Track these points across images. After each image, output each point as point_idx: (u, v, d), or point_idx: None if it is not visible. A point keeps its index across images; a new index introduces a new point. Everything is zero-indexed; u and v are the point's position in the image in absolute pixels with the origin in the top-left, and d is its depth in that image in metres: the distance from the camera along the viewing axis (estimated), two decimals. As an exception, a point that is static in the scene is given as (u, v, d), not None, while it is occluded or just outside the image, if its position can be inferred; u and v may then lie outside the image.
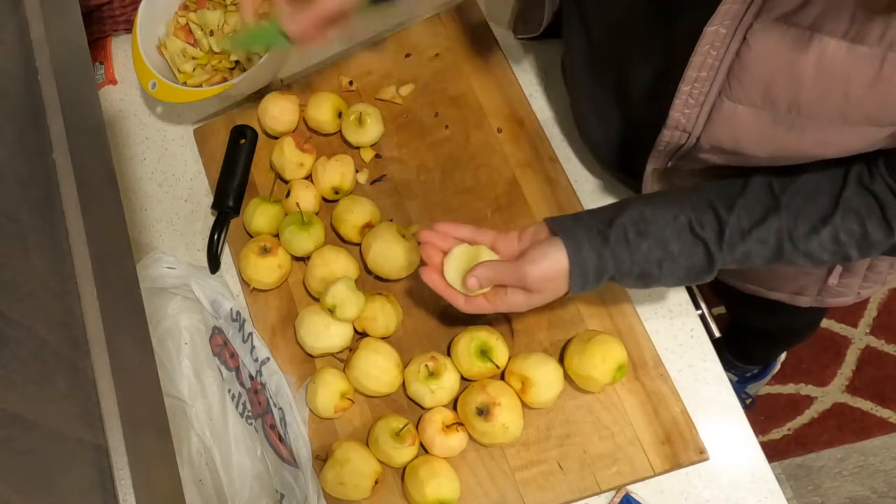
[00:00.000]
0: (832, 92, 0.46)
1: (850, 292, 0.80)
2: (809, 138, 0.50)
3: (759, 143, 0.52)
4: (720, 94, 0.51)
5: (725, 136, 0.53)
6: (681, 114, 0.54)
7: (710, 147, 0.55)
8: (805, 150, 0.51)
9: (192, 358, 0.82)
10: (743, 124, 0.51)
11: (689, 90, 0.52)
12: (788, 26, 0.45)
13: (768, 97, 0.49)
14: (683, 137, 0.56)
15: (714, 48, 0.49)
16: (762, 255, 0.57)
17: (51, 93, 0.49)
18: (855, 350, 1.53)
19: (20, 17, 0.51)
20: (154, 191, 0.93)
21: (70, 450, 0.40)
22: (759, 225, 0.56)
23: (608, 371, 0.67)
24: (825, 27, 0.44)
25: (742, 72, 0.48)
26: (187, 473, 0.78)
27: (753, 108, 0.50)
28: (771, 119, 0.50)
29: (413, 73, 0.86)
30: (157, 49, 0.92)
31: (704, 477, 0.69)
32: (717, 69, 0.50)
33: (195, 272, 0.83)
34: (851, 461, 1.46)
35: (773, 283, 0.84)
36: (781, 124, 0.50)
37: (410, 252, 0.75)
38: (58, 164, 0.48)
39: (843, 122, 0.48)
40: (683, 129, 0.55)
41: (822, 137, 0.49)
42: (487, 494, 0.71)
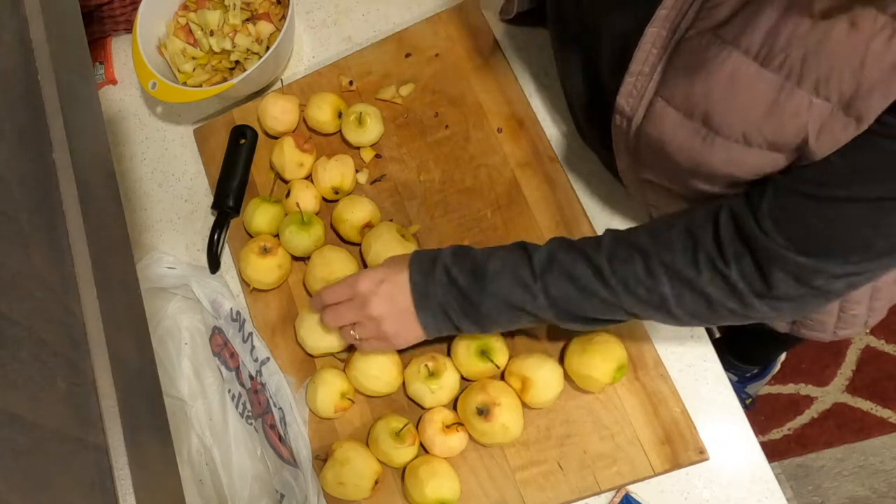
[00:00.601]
0: (737, 109, 0.47)
1: (824, 329, 0.79)
2: (719, 154, 0.51)
3: (680, 150, 0.53)
4: (656, 94, 0.52)
5: (655, 133, 0.54)
6: (625, 101, 0.56)
7: (646, 144, 0.57)
8: (716, 165, 0.52)
9: (192, 358, 0.82)
10: (669, 126, 0.52)
11: (633, 82, 0.54)
12: (714, 38, 0.47)
13: (688, 104, 0.50)
14: (626, 125, 0.57)
15: (655, 47, 0.51)
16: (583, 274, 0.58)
17: (51, 93, 0.49)
18: (855, 350, 1.53)
19: (20, 17, 0.51)
20: (154, 191, 0.93)
21: (70, 450, 0.40)
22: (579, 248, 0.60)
23: (608, 371, 0.67)
24: (741, 43, 0.45)
25: (671, 75, 0.50)
26: (187, 473, 0.78)
27: (678, 113, 0.51)
28: (689, 128, 0.51)
29: (413, 73, 0.86)
30: (157, 49, 0.92)
31: (704, 477, 0.69)
32: (655, 68, 0.51)
33: (195, 272, 0.83)
34: (851, 461, 1.46)
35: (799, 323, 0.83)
36: (697, 134, 0.51)
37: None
38: (58, 164, 0.48)
39: (746, 143, 0.49)
40: (627, 117, 0.57)
41: (729, 154, 0.50)
42: (487, 494, 0.71)
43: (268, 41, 0.90)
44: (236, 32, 0.90)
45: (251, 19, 0.91)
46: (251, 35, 0.90)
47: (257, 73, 0.85)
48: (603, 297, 0.58)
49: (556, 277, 0.59)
